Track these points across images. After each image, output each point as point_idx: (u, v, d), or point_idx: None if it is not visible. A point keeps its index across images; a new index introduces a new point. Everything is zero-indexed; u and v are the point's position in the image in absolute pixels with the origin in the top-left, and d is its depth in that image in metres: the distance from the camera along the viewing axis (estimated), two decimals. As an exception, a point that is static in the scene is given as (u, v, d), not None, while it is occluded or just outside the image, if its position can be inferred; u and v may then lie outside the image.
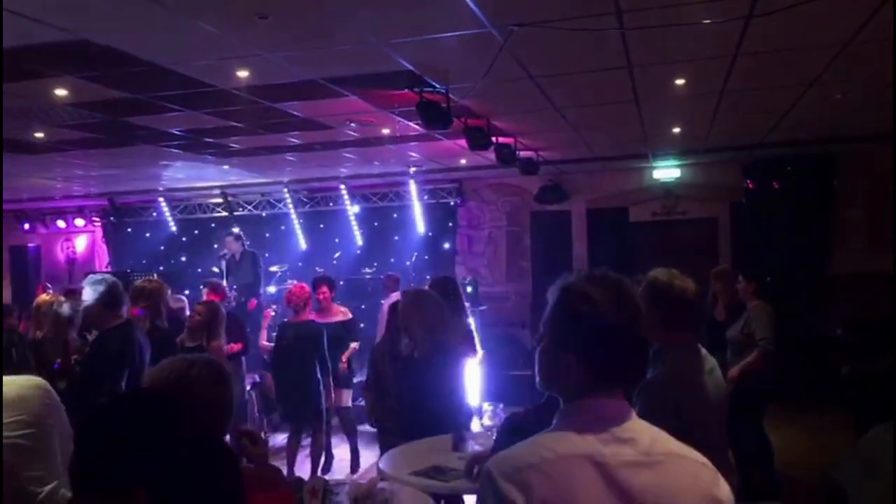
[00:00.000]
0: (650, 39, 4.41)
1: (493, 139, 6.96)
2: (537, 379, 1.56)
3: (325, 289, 6.84)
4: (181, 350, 4.92)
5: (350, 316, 7.04)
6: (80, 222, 12.55)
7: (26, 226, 12.67)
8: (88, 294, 4.12)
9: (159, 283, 5.11)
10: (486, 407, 3.63)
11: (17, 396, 2.66)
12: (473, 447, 3.42)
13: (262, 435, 5.00)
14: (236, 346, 6.39)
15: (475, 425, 4.25)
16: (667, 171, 10.23)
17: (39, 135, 6.81)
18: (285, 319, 6.74)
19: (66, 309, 4.68)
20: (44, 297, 4.64)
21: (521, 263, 11.06)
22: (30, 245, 12.90)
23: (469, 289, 9.39)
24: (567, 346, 1.46)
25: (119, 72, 4.75)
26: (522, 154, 8.25)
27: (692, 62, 5.12)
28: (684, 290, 2.63)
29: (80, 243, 13.10)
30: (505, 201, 11.08)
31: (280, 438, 7.27)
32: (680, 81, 5.64)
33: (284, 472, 4.57)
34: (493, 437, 3.39)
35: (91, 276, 4.53)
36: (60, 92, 5.22)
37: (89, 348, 4.32)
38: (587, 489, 1.35)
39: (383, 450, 3.76)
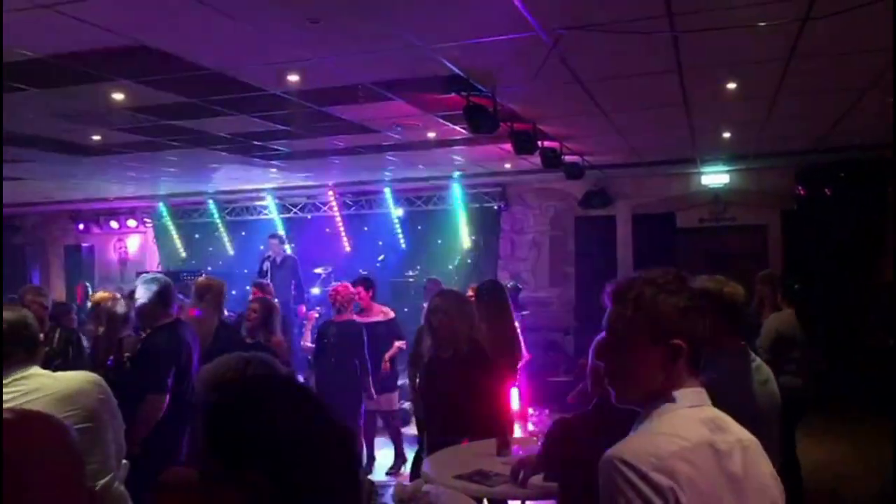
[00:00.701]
0: (702, 42, 4.34)
1: (539, 143, 6.93)
2: (614, 391, 1.55)
3: (360, 289, 6.89)
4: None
5: (392, 315, 7.06)
6: (132, 223, 12.88)
7: (80, 226, 13.05)
8: (141, 293, 4.22)
9: (220, 281, 5.21)
10: (532, 412, 3.61)
11: (73, 391, 2.74)
12: (518, 452, 3.40)
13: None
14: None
15: (517, 430, 4.23)
16: (715, 177, 10.06)
17: (96, 137, 7.01)
18: (328, 319, 6.80)
19: (121, 307, 4.80)
20: (101, 294, 4.77)
21: (564, 269, 10.99)
22: (83, 245, 13.27)
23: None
24: (668, 336, 1.48)
25: (174, 76, 4.87)
26: (568, 158, 8.20)
27: (745, 65, 5.02)
28: (734, 296, 2.60)
29: (133, 244, 13.44)
30: (549, 206, 11.02)
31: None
32: (731, 85, 5.54)
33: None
34: (539, 443, 3.37)
35: (144, 275, 4.64)
36: (118, 96, 5.37)
37: (140, 346, 4.43)
38: (712, 474, 1.40)
39: (430, 453, 3.76)
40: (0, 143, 6.12)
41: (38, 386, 2.68)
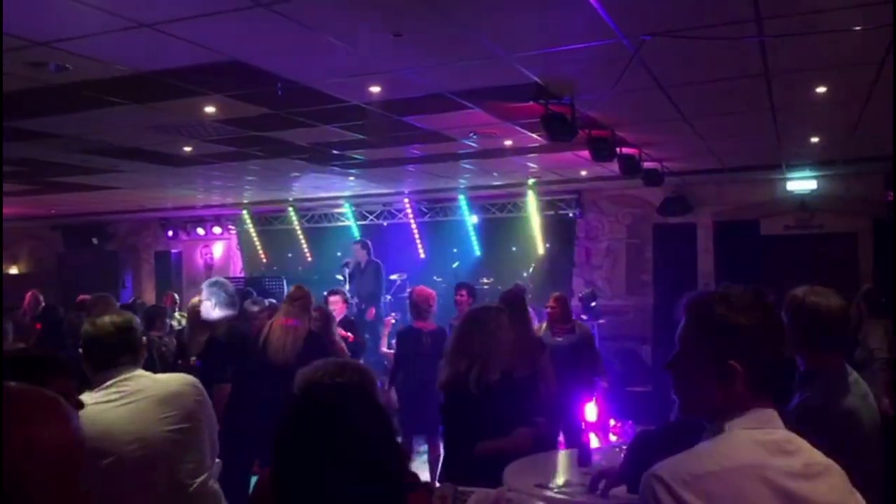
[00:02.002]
0: (791, 46, 4.22)
1: (617, 150, 6.85)
2: (679, 403, 1.54)
3: (464, 292, 6.90)
4: None
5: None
6: (217, 230, 13.37)
7: (170, 233, 13.62)
8: (206, 296, 4.51)
9: (308, 290, 5.46)
10: (613, 423, 3.57)
11: (173, 393, 2.86)
12: (599, 463, 3.37)
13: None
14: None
15: (594, 441, 4.18)
16: (802, 183, 9.69)
17: (188, 148, 7.34)
18: (410, 325, 6.58)
19: (205, 308, 5.04)
20: (194, 300, 5.02)
21: (641, 277, 10.79)
22: (173, 251, 13.85)
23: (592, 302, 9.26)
24: (725, 356, 1.45)
25: (262, 90, 5.06)
26: (646, 165, 8.07)
27: (835, 69, 4.85)
28: (818, 306, 2.48)
29: (217, 250, 13.95)
30: (626, 213, 10.85)
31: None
32: (821, 89, 5.35)
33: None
34: (621, 454, 3.34)
35: (208, 280, 4.91)
36: (209, 109, 5.61)
37: (205, 346, 4.70)
38: (759, 498, 1.35)
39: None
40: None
41: (141, 387, 2.78)
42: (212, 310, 4.73)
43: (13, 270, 14.95)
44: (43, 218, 13.98)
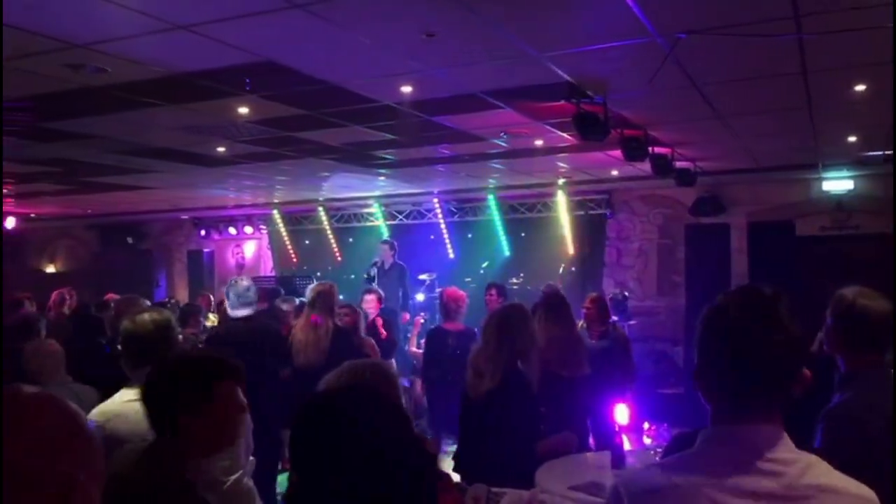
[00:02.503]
0: (830, 44, 4.13)
1: (650, 149, 6.78)
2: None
3: (493, 292, 6.89)
4: None
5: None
6: (248, 229, 13.51)
7: (202, 232, 13.81)
8: (232, 293, 4.58)
9: (331, 285, 5.42)
10: (647, 426, 3.52)
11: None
12: (633, 465, 3.33)
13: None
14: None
15: (627, 444, 4.13)
16: (838, 183, 9.50)
17: (221, 149, 7.42)
18: (439, 325, 6.65)
19: (228, 309, 5.10)
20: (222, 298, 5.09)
21: (673, 278, 10.67)
22: (205, 250, 14.03)
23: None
24: (708, 365, 1.42)
25: (294, 90, 5.09)
26: (679, 164, 7.97)
27: (875, 66, 4.74)
28: (868, 309, 2.43)
29: (249, 249, 14.10)
30: (657, 213, 10.75)
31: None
32: (860, 87, 5.24)
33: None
34: (655, 457, 3.30)
35: (230, 280, 4.94)
36: (243, 110, 5.66)
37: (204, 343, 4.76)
38: None
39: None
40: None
41: None
42: (230, 309, 4.78)
43: (50, 269, 15.27)
44: (79, 217, 14.26)
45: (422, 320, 8.11)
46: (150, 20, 3.65)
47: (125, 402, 2.65)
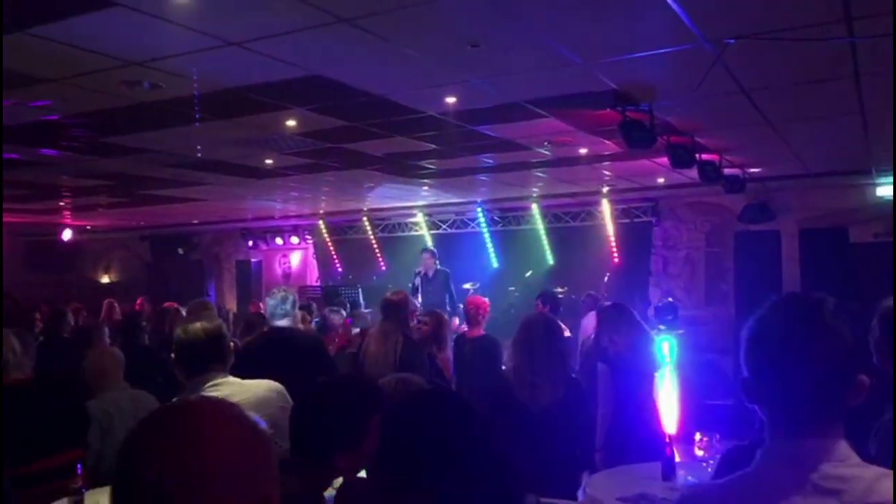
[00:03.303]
0: (884, 47, 4.03)
1: (697, 156, 6.69)
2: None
3: (539, 302, 6.89)
4: None
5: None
6: (294, 240, 13.71)
7: (250, 242, 14.07)
8: (270, 303, 4.59)
9: (405, 294, 5.33)
10: (699, 437, 3.47)
11: (259, 399, 2.94)
12: (685, 478, 3.29)
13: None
14: None
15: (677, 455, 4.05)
16: (892, 188, 9.22)
17: (269, 161, 7.57)
18: (462, 332, 6.63)
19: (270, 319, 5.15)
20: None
21: (721, 286, 10.48)
22: (253, 260, 14.29)
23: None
24: (756, 377, 1.36)
25: (341, 103, 5.18)
26: (727, 171, 7.85)
27: (933, 68, 4.61)
28: None
29: (295, 259, 14.32)
30: (704, 221, 10.58)
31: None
32: (916, 89, 5.09)
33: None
34: (708, 469, 3.25)
35: (272, 290, 4.96)
36: (290, 123, 5.78)
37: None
38: None
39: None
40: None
41: (230, 392, 2.87)
42: (270, 319, 4.75)
43: (105, 279, 15.72)
44: (132, 229, 14.68)
45: (465, 328, 8.11)
46: (204, 38, 3.76)
47: (181, 408, 2.70)
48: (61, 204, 11.10)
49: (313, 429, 1.96)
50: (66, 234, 13.85)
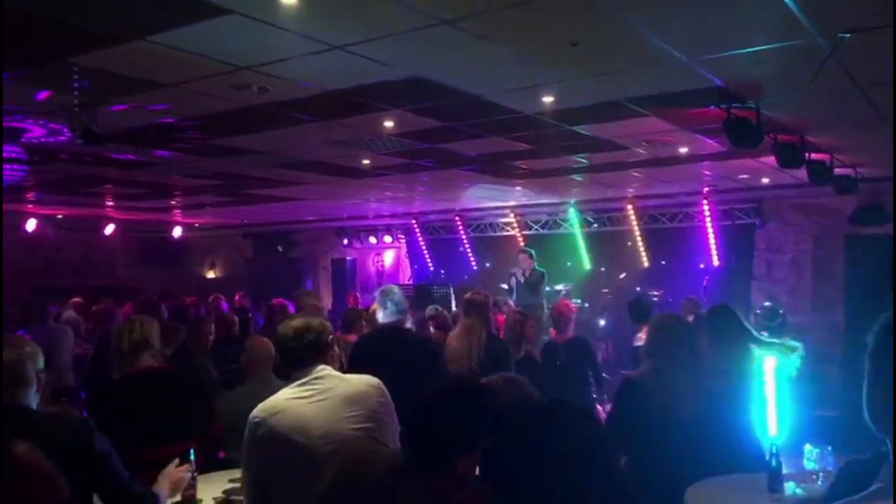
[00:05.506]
0: None
1: (806, 155, 6.39)
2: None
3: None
4: None
5: None
6: (388, 239, 13.96)
7: (345, 241, 14.43)
8: (377, 303, 4.70)
9: (486, 295, 5.39)
10: (808, 449, 3.31)
11: (358, 393, 2.98)
12: (794, 490, 3.15)
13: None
14: None
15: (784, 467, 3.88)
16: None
17: (366, 161, 7.75)
18: (551, 339, 6.48)
19: (379, 316, 5.26)
20: (373, 307, 5.25)
21: (829, 292, 9.95)
22: (347, 258, 14.65)
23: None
24: (882, 391, 1.30)
25: (438, 104, 5.24)
26: (838, 171, 7.45)
27: None
28: None
29: (388, 258, 14.59)
30: (812, 223, 10.07)
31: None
32: None
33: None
34: (818, 482, 3.10)
35: (380, 288, 5.06)
36: (388, 123, 5.90)
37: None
38: None
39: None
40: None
41: (331, 386, 2.92)
42: (381, 316, 4.86)
43: (210, 275, 16.49)
44: (236, 227, 15.35)
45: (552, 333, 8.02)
46: (310, 42, 3.89)
47: (287, 399, 2.79)
48: (172, 203, 11.72)
49: (436, 434, 1.96)
50: (177, 232, 14.60)
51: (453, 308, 9.85)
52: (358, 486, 2.02)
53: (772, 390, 5.36)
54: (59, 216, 12.80)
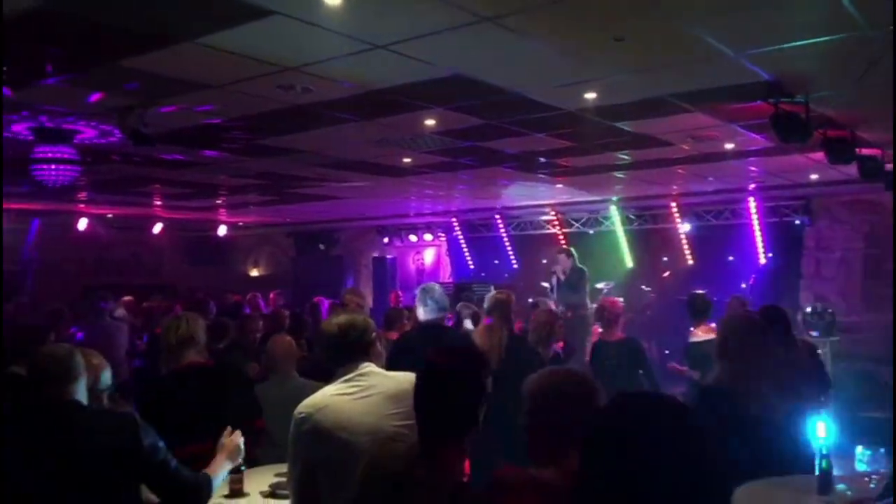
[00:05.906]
0: None
1: (856, 151, 6.22)
2: None
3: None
4: None
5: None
6: (428, 237, 14.00)
7: (385, 239, 14.51)
8: (418, 300, 4.72)
9: (509, 294, 5.43)
10: (860, 451, 3.23)
11: (401, 391, 2.98)
12: (843, 492, 3.07)
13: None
14: None
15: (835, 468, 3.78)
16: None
17: (407, 160, 7.78)
18: (600, 338, 6.31)
19: (420, 314, 5.28)
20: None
21: (881, 291, 9.66)
22: (388, 257, 14.72)
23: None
24: None
25: (480, 101, 5.24)
26: (890, 167, 7.24)
27: None
28: None
29: (428, 256, 14.63)
30: (863, 220, 9.80)
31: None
32: None
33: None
34: (870, 484, 3.03)
35: (420, 285, 5.08)
36: (429, 122, 5.91)
37: None
38: None
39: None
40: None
41: (376, 383, 2.94)
42: (421, 314, 4.89)
43: (254, 273, 16.76)
44: (279, 225, 15.55)
45: (600, 329, 7.96)
46: (352, 42, 3.93)
47: (331, 395, 2.82)
48: (218, 202, 11.93)
49: (447, 410, 2.08)
50: (222, 230, 14.86)
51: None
52: (384, 477, 2.11)
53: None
54: (110, 215, 13.14)
